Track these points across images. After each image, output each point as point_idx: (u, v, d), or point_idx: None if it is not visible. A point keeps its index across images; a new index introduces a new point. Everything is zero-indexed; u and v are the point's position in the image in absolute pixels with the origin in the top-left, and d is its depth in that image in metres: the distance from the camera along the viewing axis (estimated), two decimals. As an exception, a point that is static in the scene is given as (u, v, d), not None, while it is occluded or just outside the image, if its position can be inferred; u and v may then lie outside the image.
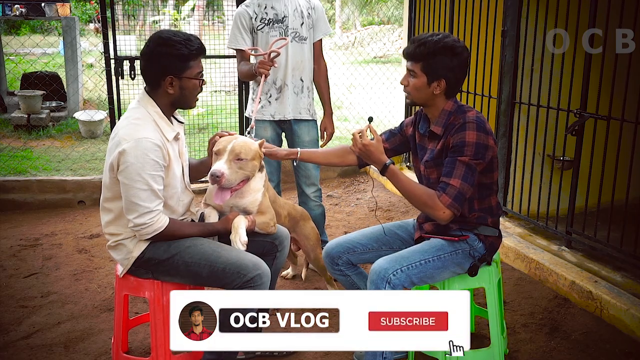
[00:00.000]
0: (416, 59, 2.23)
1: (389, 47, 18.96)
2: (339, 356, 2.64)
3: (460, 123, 2.21)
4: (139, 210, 2.14)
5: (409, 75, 2.27)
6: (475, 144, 2.16)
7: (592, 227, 3.40)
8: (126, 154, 2.11)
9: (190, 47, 2.20)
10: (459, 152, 2.18)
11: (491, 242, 2.34)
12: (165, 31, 2.28)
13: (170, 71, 2.20)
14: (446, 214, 2.17)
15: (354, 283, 2.52)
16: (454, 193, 2.16)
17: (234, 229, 2.32)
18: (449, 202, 2.16)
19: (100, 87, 7.37)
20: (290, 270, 3.45)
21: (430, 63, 2.21)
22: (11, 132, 6.90)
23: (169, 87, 2.22)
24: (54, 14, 7.57)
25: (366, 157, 2.24)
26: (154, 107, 2.24)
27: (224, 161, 2.31)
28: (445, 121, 2.27)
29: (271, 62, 3.05)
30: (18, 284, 3.38)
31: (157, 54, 2.20)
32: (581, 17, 3.38)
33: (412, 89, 2.27)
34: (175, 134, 2.28)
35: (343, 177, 5.70)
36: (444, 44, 2.20)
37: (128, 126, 2.18)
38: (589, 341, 2.77)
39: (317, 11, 3.38)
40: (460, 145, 2.17)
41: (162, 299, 2.29)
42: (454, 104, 2.29)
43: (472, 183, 2.18)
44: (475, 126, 2.18)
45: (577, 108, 3.45)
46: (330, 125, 3.52)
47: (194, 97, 2.29)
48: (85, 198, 4.83)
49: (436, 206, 2.17)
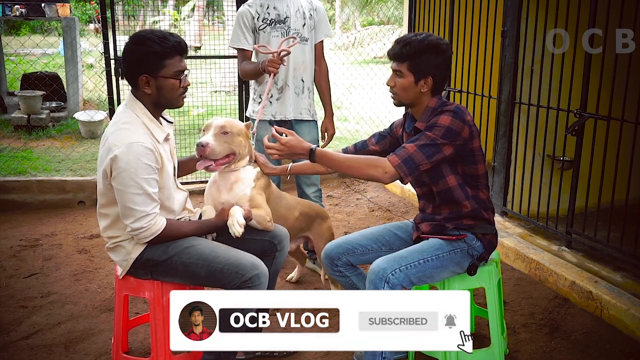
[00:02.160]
0: (402, 58, 2.26)
1: (388, 47, 18.94)
2: (339, 356, 2.64)
3: (438, 111, 2.24)
4: (135, 215, 2.13)
5: (395, 76, 2.29)
6: (446, 127, 2.17)
7: (592, 227, 3.40)
8: (118, 159, 2.09)
9: (164, 45, 2.15)
10: (428, 129, 2.20)
11: (489, 240, 2.34)
12: (146, 30, 2.24)
13: (144, 70, 2.17)
14: (389, 174, 2.13)
15: (354, 284, 2.52)
16: (405, 156, 2.15)
17: (231, 215, 2.32)
18: (396, 162, 2.14)
19: (100, 87, 7.37)
20: (295, 273, 3.42)
21: (416, 62, 2.24)
22: (11, 133, 6.90)
23: (146, 87, 2.19)
24: (54, 14, 7.57)
25: (291, 154, 2.27)
26: (142, 109, 2.22)
27: (210, 134, 2.41)
28: (429, 117, 2.28)
29: (280, 60, 3.05)
30: (18, 285, 3.38)
31: (131, 52, 2.18)
32: (581, 17, 3.38)
33: (400, 89, 2.29)
34: (166, 135, 2.27)
35: (343, 177, 5.70)
36: (428, 42, 2.23)
37: (117, 132, 2.15)
38: (589, 341, 2.77)
39: (319, 13, 3.39)
40: (432, 125, 2.20)
41: (162, 299, 2.29)
42: (438, 101, 2.31)
43: (428, 156, 2.15)
44: (451, 113, 2.20)
45: (577, 108, 3.45)
46: (331, 127, 3.52)
47: (175, 97, 2.24)
48: (85, 198, 4.83)
49: (380, 164, 2.15)
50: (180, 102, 2.28)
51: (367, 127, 7.22)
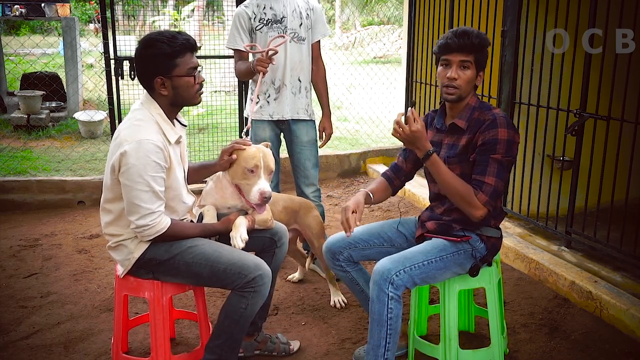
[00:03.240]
0: (470, 50, 2.23)
1: (388, 47, 18.98)
2: (339, 356, 2.64)
3: (490, 120, 2.22)
4: (140, 212, 2.14)
5: (458, 69, 2.25)
6: (506, 141, 2.19)
7: (592, 227, 3.41)
8: (127, 155, 2.10)
9: (173, 45, 2.15)
10: (491, 149, 2.20)
11: (493, 243, 2.34)
12: (154, 32, 2.24)
13: (158, 72, 2.18)
14: (482, 212, 2.21)
15: (354, 279, 2.52)
16: (490, 191, 2.19)
17: (235, 227, 2.32)
18: (485, 200, 2.19)
19: (100, 87, 7.37)
20: (297, 274, 3.42)
21: (482, 54, 2.25)
22: (11, 133, 6.90)
23: (161, 89, 2.20)
24: (53, 14, 7.57)
25: (411, 144, 2.21)
26: (157, 109, 2.23)
27: (264, 180, 2.36)
28: (469, 116, 2.28)
29: (269, 59, 3.05)
30: (18, 285, 3.38)
31: (143, 56, 2.19)
32: (581, 17, 3.38)
33: (464, 82, 2.25)
34: (178, 137, 2.28)
35: (343, 177, 5.71)
36: (485, 37, 2.25)
37: (130, 127, 2.17)
38: (588, 341, 2.77)
39: (316, 12, 3.39)
40: (493, 142, 2.19)
41: (161, 300, 2.29)
42: (477, 100, 2.32)
43: (504, 180, 2.22)
44: (505, 123, 2.21)
45: (577, 108, 3.45)
46: (328, 126, 3.52)
47: (192, 94, 2.25)
48: (85, 198, 4.83)
49: (474, 204, 2.20)
50: (197, 99, 2.28)
51: (367, 127, 7.22)
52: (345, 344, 2.74)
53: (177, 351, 2.65)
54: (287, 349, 2.64)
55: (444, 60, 2.27)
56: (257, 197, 2.32)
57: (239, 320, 2.24)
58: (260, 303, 2.26)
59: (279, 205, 2.86)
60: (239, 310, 2.22)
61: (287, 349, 2.64)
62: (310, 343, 2.76)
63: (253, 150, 2.38)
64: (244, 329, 2.27)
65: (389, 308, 2.16)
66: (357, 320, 2.96)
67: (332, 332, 2.86)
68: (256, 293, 2.22)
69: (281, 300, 3.19)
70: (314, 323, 2.95)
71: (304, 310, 3.08)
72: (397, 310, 2.17)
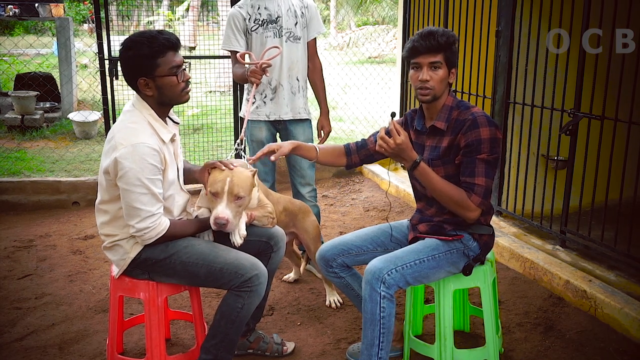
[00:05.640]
0: (438, 49, 2.22)
1: (383, 47, 19.00)
2: (335, 356, 2.65)
3: (471, 120, 2.22)
4: (141, 215, 2.13)
5: (429, 70, 2.24)
6: (489, 140, 2.19)
7: (586, 227, 3.42)
8: (124, 159, 2.09)
9: (152, 46, 2.14)
10: (476, 150, 2.20)
11: (485, 241, 2.35)
12: (135, 34, 2.22)
13: (141, 73, 2.17)
14: (477, 213, 2.22)
15: (349, 284, 2.52)
16: (482, 191, 2.20)
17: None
18: (479, 201, 2.20)
19: (94, 87, 7.36)
20: (293, 274, 3.42)
21: (451, 52, 2.24)
22: (5, 133, 6.88)
23: (146, 89, 2.19)
24: (47, 14, 7.55)
25: (396, 156, 2.20)
26: (147, 109, 2.23)
27: (224, 205, 2.23)
28: (448, 116, 2.28)
29: (263, 71, 3.03)
30: (12, 286, 3.36)
31: (124, 58, 2.18)
32: (575, 17, 3.39)
33: (437, 82, 2.24)
34: (172, 136, 2.27)
35: (338, 177, 5.71)
36: (452, 34, 2.25)
37: (124, 130, 2.16)
38: (583, 340, 2.78)
39: (311, 10, 3.38)
40: (477, 143, 2.19)
41: (157, 300, 2.29)
42: (453, 99, 2.31)
43: (493, 177, 2.23)
44: (486, 122, 2.21)
45: (571, 108, 3.46)
46: (327, 124, 3.52)
47: (177, 93, 2.23)
48: (80, 199, 4.81)
49: (468, 207, 2.20)
50: (184, 97, 2.27)
51: (362, 127, 7.23)
52: (341, 344, 2.74)
53: (172, 352, 2.64)
54: (280, 350, 2.64)
55: (414, 64, 2.26)
56: (212, 221, 2.24)
57: (235, 320, 2.23)
58: (256, 303, 2.26)
59: (280, 206, 2.86)
60: (235, 310, 2.22)
61: (280, 349, 2.64)
62: (306, 343, 2.76)
63: (221, 175, 2.28)
64: (240, 328, 2.27)
65: (381, 307, 2.16)
66: (352, 320, 2.97)
67: (327, 332, 2.86)
68: (252, 293, 2.21)
69: (277, 300, 3.18)
70: (309, 323, 2.95)
71: (300, 311, 3.08)
72: (389, 309, 2.17)
